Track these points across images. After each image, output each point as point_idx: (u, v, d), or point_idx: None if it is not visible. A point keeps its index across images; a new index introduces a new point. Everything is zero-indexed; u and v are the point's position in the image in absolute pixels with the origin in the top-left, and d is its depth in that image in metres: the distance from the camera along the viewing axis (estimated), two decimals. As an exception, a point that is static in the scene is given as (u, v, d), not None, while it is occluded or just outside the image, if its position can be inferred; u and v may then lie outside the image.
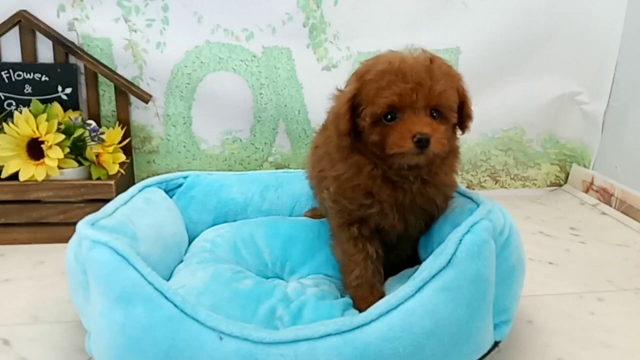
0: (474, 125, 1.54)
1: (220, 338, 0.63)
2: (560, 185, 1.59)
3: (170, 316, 0.63)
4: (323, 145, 0.84)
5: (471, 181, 1.55)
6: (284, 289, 0.80)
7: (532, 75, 1.47)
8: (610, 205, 1.41)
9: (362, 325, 0.64)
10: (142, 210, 0.86)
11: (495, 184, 1.56)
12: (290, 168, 1.45)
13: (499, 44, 1.43)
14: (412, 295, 0.65)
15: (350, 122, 0.74)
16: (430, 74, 0.71)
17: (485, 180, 1.55)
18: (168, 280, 0.82)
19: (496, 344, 0.74)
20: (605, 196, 1.43)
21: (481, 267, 0.66)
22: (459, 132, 0.81)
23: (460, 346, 0.66)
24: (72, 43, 1.29)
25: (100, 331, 0.65)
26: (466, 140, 1.51)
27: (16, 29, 1.27)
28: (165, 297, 0.64)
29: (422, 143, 0.69)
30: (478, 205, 0.75)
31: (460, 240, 0.67)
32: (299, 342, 0.62)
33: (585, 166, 1.53)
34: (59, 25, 1.28)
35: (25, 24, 1.26)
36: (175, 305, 0.64)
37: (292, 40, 1.37)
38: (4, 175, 1.15)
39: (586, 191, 1.50)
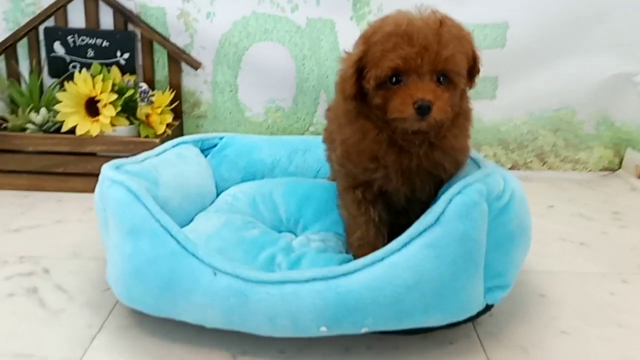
0: (520, 103, 1.51)
1: (215, 274, 0.68)
2: (614, 170, 1.51)
3: (172, 251, 0.69)
4: (334, 108, 0.86)
5: (516, 161, 1.51)
6: (288, 241, 0.85)
7: (586, 53, 1.40)
8: (662, 192, 1.33)
9: (347, 274, 0.67)
10: (170, 162, 0.93)
11: (543, 165, 1.52)
12: (331, 138, 1.48)
13: (551, 20, 1.38)
14: (398, 250, 0.68)
15: (357, 85, 0.74)
16: (438, 38, 0.69)
17: (531, 160, 1.51)
18: (187, 224, 0.89)
19: (489, 307, 0.75)
20: (658, 182, 1.35)
21: (469, 228, 0.67)
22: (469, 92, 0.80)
23: (443, 302, 0.67)
24: (130, 11, 1.39)
25: (113, 261, 0.73)
26: (512, 119, 1.47)
27: (82, -3, 1.38)
28: (170, 234, 0.70)
29: (423, 110, 0.69)
30: (479, 169, 0.75)
31: (451, 200, 0.68)
32: (285, 284, 0.67)
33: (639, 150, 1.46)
34: (119, -6, 1.38)
35: (90, -7, 1.37)
36: (178, 242, 0.70)
37: (336, 13, 1.39)
38: (64, 129, 1.27)
39: (639, 177, 1.42)
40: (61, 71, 1.41)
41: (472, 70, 0.76)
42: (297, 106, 1.48)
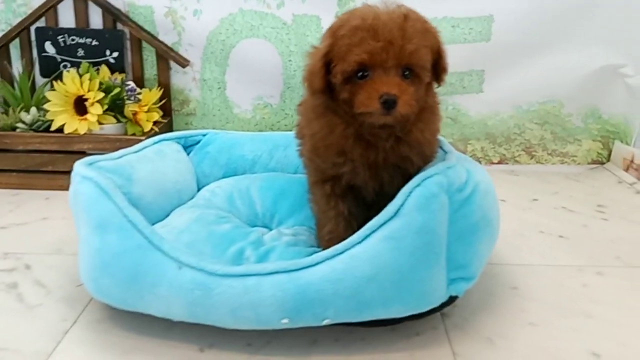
0: (507, 96, 1.51)
1: (180, 267, 0.70)
2: (603, 163, 1.51)
3: (139, 245, 0.71)
4: (304, 103, 0.87)
5: (504, 155, 1.51)
6: (260, 235, 0.86)
7: (572, 46, 1.40)
8: (648, 185, 1.33)
9: (308, 266, 0.68)
10: (148, 158, 0.95)
11: (531, 158, 1.51)
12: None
13: (536, 12, 1.38)
14: (359, 242, 0.69)
15: (325, 79, 0.75)
16: (403, 32, 0.70)
17: (519, 154, 1.51)
18: (162, 220, 0.90)
19: (452, 299, 0.76)
20: (644, 175, 1.35)
21: (428, 219, 0.68)
22: (436, 86, 0.80)
23: (403, 294, 0.68)
24: (119, 10, 1.41)
25: (82, 256, 0.75)
26: (499, 113, 1.47)
27: (71, -3, 1.40)
28: (136, 228, 0.72)
29: (389, 104, 0.69)
30: (443, 162, 0.76)
31: (410, 192, 0.69)
32: (248, 277, 0.68)
33: (627, 143, 1.45)
34: (108, -7, 1.40)
35: (78, -8, 1.39)
36: (145, 236, 0.72)
37: (322, 9, 1.40)
38: (53, 128, 1.29)
39: (626, 169, 1.42)
40: (52, 71, 1.43)
41: (438, 65, 0.76)
42: (284, 102, 1.49)
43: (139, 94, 1.34)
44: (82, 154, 1.29)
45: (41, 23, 1.42)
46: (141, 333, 0.76)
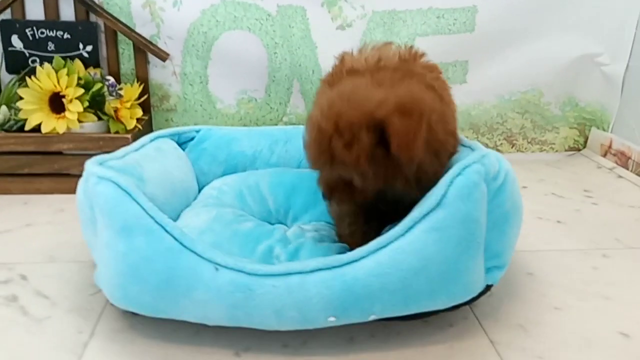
0: (490, 86, 1.52)
1: (216, 269, 0.66)
2: (579, 150, 1.56)
3: (169, 247, 0.67)
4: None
5: (487, 144, 1.53)
6: (283, 232, 0.83)
7: (551, 36, 1.44)
8: (627, 169, 1.38)
9: (352, 262, 0.66)
10: (151, 157, 0.89)
11: (512, 147, 1.55)
12: (305, 128, 1.46)
13: (517, 3, 1.40)
14: (403, 235, 0.67)
15: None
16: (336, 128, 0.66)
17: (501, 143, 1.54)
18: (175, 221, 0.85)
19: (488, 287, 0.76)
20: (623, 159, 1.40)
21: (471, 209, 0.67)
22: None
23: (448, 285, 0.67)
24: (92, 1, 1.32)
25: (105, 261, 0.69)
26: (482, 102, 1.50)
27: (39, -13, 1.31)
28: (165, 230, 0.67)
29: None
30: (473, 151, 0.75)
31: (452, 182, 0.68)
32: (291, 275, 0.65)
33: (604, 130, 1.50)
34: (80, -17, 1.31)
35: (47, -18, 1.30)
36: (175, 238, 0.67)
37: (307, -1, 1.38)
38: (27, 128, 1.20)
39: (604, 155, 1.48)
40: (20, 66, 1.33)
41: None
42: (269, 96, 1.45)
43: (120, 89, 1.27)
44: (59, 154, 1.22)
45: (7, 15, 1.32)
46: (169, 341, 0.72)
